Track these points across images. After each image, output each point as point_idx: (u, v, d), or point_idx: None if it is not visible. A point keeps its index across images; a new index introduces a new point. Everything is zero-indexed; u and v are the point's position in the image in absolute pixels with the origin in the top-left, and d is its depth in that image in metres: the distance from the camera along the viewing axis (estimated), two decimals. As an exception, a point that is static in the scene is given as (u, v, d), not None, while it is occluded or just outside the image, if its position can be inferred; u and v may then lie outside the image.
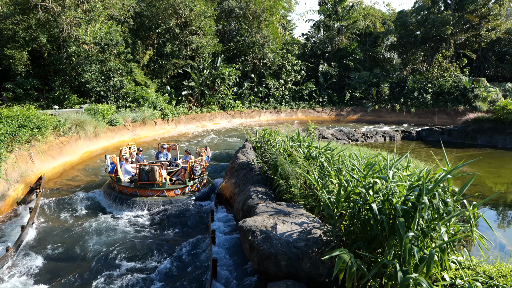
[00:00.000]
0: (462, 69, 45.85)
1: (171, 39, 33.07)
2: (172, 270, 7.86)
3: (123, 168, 12.13)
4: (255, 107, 40.24)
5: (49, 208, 11.33)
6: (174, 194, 11.56)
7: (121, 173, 11.88)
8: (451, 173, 5.35)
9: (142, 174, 11.16)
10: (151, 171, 11.08)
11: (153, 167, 11.07)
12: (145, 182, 11.18)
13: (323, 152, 10.09)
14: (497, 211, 11.46)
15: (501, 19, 45.02)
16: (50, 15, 23.51)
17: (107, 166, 11.87)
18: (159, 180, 11.18)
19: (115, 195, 11.46)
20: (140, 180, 11.22)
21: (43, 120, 15.90)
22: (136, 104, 27.10)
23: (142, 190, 11.27)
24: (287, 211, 7.57)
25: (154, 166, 11.10)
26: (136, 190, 11.28)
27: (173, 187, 11.59)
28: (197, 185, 12.29)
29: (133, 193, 11.32)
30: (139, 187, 11.25)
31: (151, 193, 11.24)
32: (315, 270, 5.96)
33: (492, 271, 5.23)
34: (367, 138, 25.15)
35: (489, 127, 23.01)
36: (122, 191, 11.55)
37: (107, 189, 12.08)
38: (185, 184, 11.77)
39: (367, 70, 48.44)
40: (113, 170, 11.81)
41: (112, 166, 11.86)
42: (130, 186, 11.45)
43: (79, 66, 24.04)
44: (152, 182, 11.16)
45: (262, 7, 39.63)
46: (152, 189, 11.24)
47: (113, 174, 11.84)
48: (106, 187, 12.26)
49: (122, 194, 11.41)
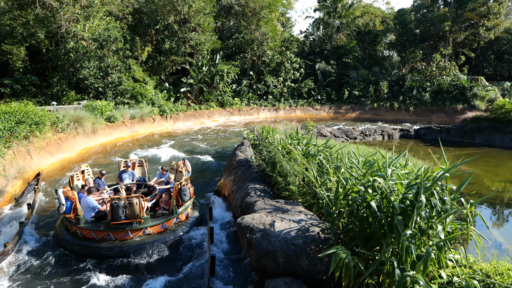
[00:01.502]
0: (461, 68, 45.91)
1: (169, 35, 32.97)
2: (170, 267, 7.87)
3: (84, 203, 8.77)
4: (254, 105, 40.21)
5: (46, 204, 11.31)
6: (160, 229, 8.83)
7: (81, 210, 8.60)
8: (449, 171, 5.37)
9: (117, 212, 8.13)
10: (130, 205, 8.18)
11: (131, 200, 8.19)
12: (121, 222, 8.22)
13: (321, 150, 10.11)
14: (494, 209, 11.51)
15: (500, 18, 45.04)
16: (48, 11, 23.40)
17: (61, 204, 8.36)
18: (141, 215, 8.37)
19: (75, 243, 8.27)
20: (115, 220, 8.15)
21: (41, 116, 15.86)
22: (134, 100, 27.05)
23: (117, 232, 8.31)
24: (285, 209, 7.59)
25: (132, 199, 8.22)
26: (108, 233, 8.29)
27: (158, 221, 8.84)
28: (185, 212, 9.67)
29: (104, 237, 8.33)
30: (113, 228, 8.26)
31: (130, 234, 8.39)
32: (313, 268, 5.98)
33: (489, 269, 5.26)
34: (366, 136, 25.18)
35: (487, 126, 23.06)
36: (87, 236, 8.42)
37: (62, 235, 8.62)
38: (173, 213, 9.16)
39: (366, 68, 48.43)
40: (70, 208, 8.44)
41: (69, 203, 8.45)
42: (99, 229, 8.37)
43: (77, 62, 23.96)
44: (131, 220, 8.27)
45: (261, 4, 39.53)
46: (131, 228, 8.38)
47: (70, 214, 8.46)
48: (60, 232, 8.75)
49: (87, 241, 8.29)
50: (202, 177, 14.80)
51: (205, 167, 16.53)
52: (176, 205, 9.22)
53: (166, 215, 9.22)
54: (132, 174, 11.17)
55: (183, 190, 9.23)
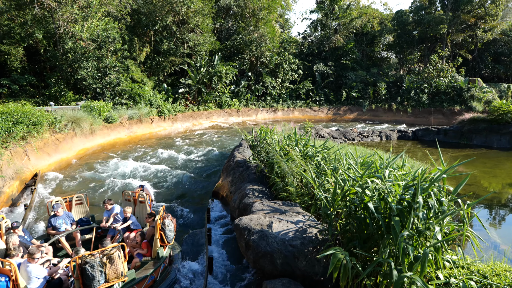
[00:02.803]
0: (458, 69, 46.11)
1: (168, 36, 32.97)
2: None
3: (28, 273, 5.84)
4: (252, 106, 40.23)
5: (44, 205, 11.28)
6: (148, 284, 6.62)
7: (23, 279, 5.67)
8: (446, 172, 5.39)
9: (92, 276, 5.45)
10: (110, 262, 5.64)
11: (111, 255, 5.65)
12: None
13: (319, 151, 10.12)
14: (491, 210, 11.54)
15: (497, 19, 45.25)
16: (46, 11, 23.36)
17: None
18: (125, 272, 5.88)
19: None
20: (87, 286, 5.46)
21: (38, 117, 15.82)
22: (132, 101, 27.02)
23: None
24: (283, 210, 7.59)
25: (112, 254, 5.67)
26: None
27: (144, 273, 6.55)
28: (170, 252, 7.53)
29: None
30: None
31: None
32: (310, 269, 5.98)
33: (486, 270, 5.28)
34: (364, 137, 25.22)
35: (485, 127, 23.13)
36: None
37: None
38: (158, 258, 6.97)
39: (364, 69, 48.58)
40: None
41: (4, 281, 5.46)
42: None
43: (75, 63, 23.92)
44: (113, 282, 5.73)
45: (259, 5, 39.59)
46: None
47: None
48: None
49: None
50: (200, 178, 14.79)
51: (203, 168, 16.53)
52: (161, 246, 7.09)
53: (148, 262, 6.88)
54: (68, 217, 8.13)
55: (167, 225, 7.15)
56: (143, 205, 8.69)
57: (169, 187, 13.63)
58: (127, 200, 9.00)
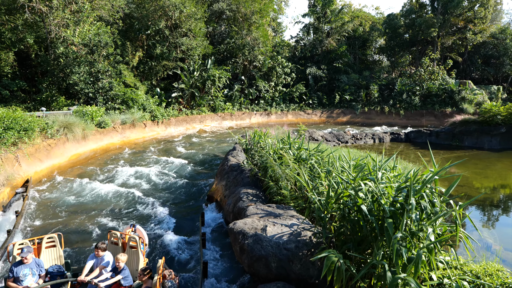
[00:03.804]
0: (449, 72, 46.69)
1: (161, 40, 32.93)
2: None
3: None
4: (246, 109, 40.27)
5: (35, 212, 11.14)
6: None
7: None
8: (438, 174, 5.44)
9: None
10: None
11: None
12: None
13: (313, 154, 10.15)
14: (483, 211, 11.65)
15: (486, 22, 45.94)
16: (38, 16, 23.21)
17: None
18: None
19: None
20: None
21: (30, 122, 15.66)
22: (125, 106, 26.89)
23: None
24: (277, 213, 7.59)
25: None
26: None
27: None
28: None
29: None
30: None
31: None
32: (305, 272, 5.98)
33: (479, 270, 5.32)
34: (357, 140, 25.36)
35: (476, 129, 23.41)
36: None
37: None
38: None
39: (357, 72, 48.96)
40: None
41: None
42: None
43: (67, 68, 23.76)
44: None
45: (252, 10, 39.76)
46: None
47: None
48: None
49: None
50: (194, 182, 14.74)
51: (197, 172, 16.48)
52: None
53: None
54: (37, 266, 6.26)
55: (170, 285, 5.86)
56: (134, 251, 6.87)
57: (162, 192, 13.56)
58: (113, 244, 7.17)
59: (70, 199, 12.43)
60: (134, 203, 12.07)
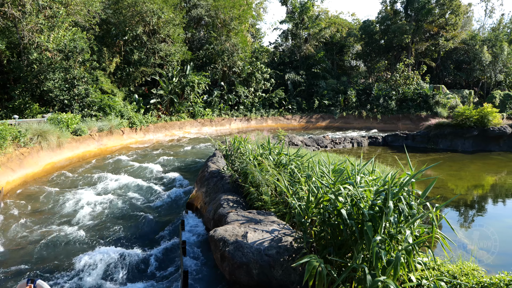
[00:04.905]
0: (423, 77, 48.15)
1: (138, 46, 32.51)
2: (138, 283, 7.61)
3: None
4: (225, 115, 40.19)
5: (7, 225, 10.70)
6: None
7: None
8: (415, 177, 5.56)
9: None
10: None
11: None
12: None
13: (293, 159, 10.19)
14: (458, 212, 11.99)
15: (458, 29, 47.73)
16: (10, 21, 22.47)
17: None
18: None
19: None
20: None
21: (1, 131, 15.10)
22: (102, 113, 26.30)
23: None
24: (258, 219, 7.56)
25: None
26: None
27: None
28: None
29: None
30: None
31: None
32: (286, 277, 5.96)
33: (455, 270, 5.45)
34: (336, 144, 25.68)
35: (450, 132, 24.15)
36: None
37: None
38: None
39: (335, 78, 49.79)
40: None
41: None
42: None
43: (41, 74, 23.06)
44: None
45: (230, 16, 39.86)
46: None
47: None
48: None
49: None
50: (173, 189, 14.52)
51: (176, 179, 16.26)
52: None
53: None
54: None
55: None
56: None
57: (140, 200, 13.29)
58: None
59: (39, 211, 12.01)
60: (112, 213, 11.75)
